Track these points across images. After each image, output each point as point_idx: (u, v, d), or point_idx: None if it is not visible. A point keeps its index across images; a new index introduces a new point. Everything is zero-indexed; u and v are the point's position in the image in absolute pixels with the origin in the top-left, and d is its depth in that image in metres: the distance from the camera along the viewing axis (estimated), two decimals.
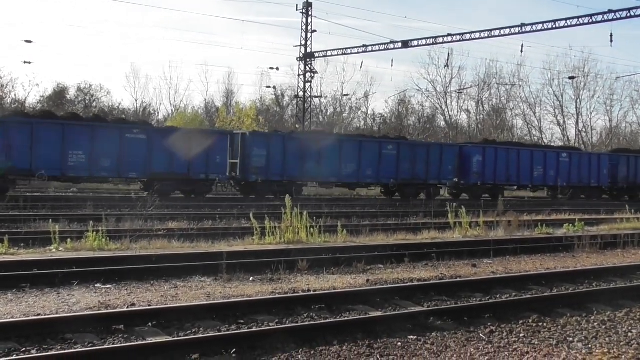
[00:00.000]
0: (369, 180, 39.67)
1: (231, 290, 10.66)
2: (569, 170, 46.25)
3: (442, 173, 41.24)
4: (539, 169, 44.95)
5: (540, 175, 45.11)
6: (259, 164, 34.86)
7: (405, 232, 19.20)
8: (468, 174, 42.17)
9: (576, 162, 46.82)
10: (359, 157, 38.11)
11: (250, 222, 17.04)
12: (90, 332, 7.82)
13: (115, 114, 64.87)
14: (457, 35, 49.25)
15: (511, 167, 43.55)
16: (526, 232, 20.27)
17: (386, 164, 38.99)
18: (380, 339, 7.99)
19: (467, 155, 42.66)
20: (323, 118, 75.62)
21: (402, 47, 51.74)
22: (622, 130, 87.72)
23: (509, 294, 11.08)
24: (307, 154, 36.15)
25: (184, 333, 7.98)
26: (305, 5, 55.62)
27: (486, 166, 42.26)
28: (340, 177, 38.26)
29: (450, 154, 42.20)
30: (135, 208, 22.45)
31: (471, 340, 8.12)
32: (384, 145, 39.79)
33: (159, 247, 14.62)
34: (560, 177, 45.34)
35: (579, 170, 46.67)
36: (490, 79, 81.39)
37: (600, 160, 48.34)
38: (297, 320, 8.77)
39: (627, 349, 7.94)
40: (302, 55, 56.89)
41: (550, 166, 45.38)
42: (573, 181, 46.23)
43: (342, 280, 11.84)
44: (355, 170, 38.15)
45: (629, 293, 11.37)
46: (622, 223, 24.13)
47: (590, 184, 47.58)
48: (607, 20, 41.87)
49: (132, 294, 10.22)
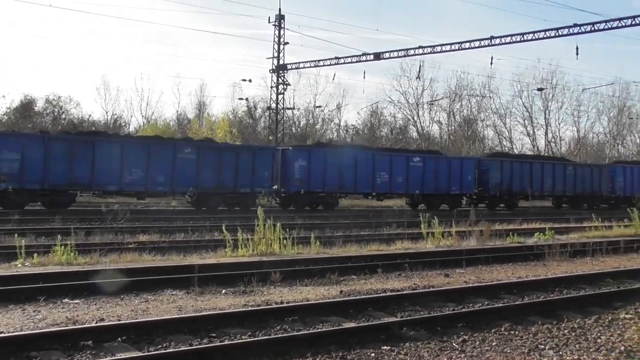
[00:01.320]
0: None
1: (203, 303, 10.57)
2: (422, 176, 42.22)
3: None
4: (383, 174, 40.86)
5: (385, 182, 40.86)
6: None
7: (378, 242, 19.21)
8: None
9: (432, 167, 42.75)
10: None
11: (222, 234, 16.95)
12: (56, 349, 7.67)
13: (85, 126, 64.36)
14: (428, 48, 49.54)
15: None
16: (498, 242, 20.35)
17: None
18: (353, 350, 7.96)
19: None
20: (296, 130, 75.57)
21: (374, 59, 51.99)
22: (589, 141, 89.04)
23: (482, 303, 11.10)
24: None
25: (155, 348, 7.87)
26: (278, 17, 55.66)
27: None
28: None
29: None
30: (106, 221, 22.23)
31: (444, 349, 8.11)
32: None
33: (130, 260, 14.46)
34: (409, 183, 41.74)
35: (435, 176, 42.74)
36: (461, 91, 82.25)
37: (463, 165, 44.72)
38: (270, 333, 8.71)
39: (597, 355, 7.99)
40: (274, 67, 56.88)
41: (398, 171, 41.24)
42: (429, 189, 42.63)
43: (315, 292, 11.79)
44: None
45: (598, 300, 11.49)
46: (591, 231, 24.34)
47: (450, 191, 43.81)
48: (573, 33, 42.58)
49: (101, 308, 10.09)
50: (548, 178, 48.74)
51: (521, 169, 47.22)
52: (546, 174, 48.66)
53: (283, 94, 58.31)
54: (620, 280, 14.01)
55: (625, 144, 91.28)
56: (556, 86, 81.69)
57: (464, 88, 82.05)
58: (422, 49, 49.88)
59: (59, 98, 70.14)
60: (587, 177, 51.24)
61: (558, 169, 49.77)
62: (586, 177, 51.19)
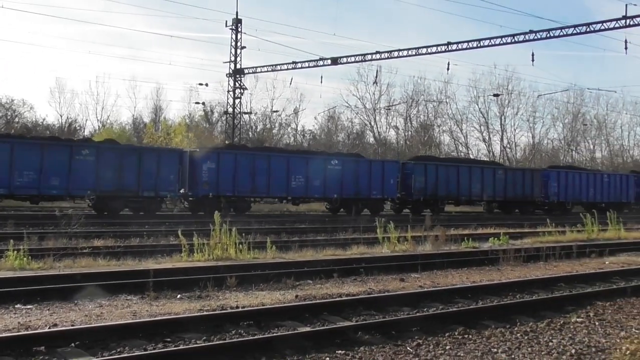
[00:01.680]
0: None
1: (158, 308, 10.52)
2: (341, 179, 40.90)
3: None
4: (298, 178, 39.43)
5: (301, 186, 39.55)
6: None
7: (334, 247, 19.27)
8: None
9: (351, 170, 41.55)
10: None
11: (178, 239, 16.88)
12: (8, 354, 7.58)
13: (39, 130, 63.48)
14: (386, 53, 49.84)
15: None
16: (453, 246, 20.55)
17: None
18: (308, 354, 7.98)
19: None
20: (253, 134, 75.43)
21: (331, 64, 52.10)
22: (544, 147, 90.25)
23: (436, 307, 11.20)
24: None
25: (109, 353, 7.81)
26: (235, 21, 55.52)
27: None
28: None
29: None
30: (60, 226, 21.96)
31: (399, 353, 8.17)
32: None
33: (84, 265, 14.34)
34: (327, 188, 40.49)
35: (355, 180, 41.44)
36: (418, 96, 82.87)
37: (385, 169, 43.37)
38: (226, 337, 8.69)
39: (548, 358, 8.13)
40: (231, 72, 56.74)
41: (315, 175, 39.98)
42: (348, 193, 41.39)
43: (271, 297, 11.80)
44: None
45: (550, 304, 11.66)
46: (545, 236, 24.67)
47: (371, 195, 42.40)
48: (529, 40, 43.13)
49: (54, 314, 9.98)
50: (477, 182, 47.61)
51: (447, 172, 46.20)
52: (474, 178, 47.57)
53: (240, 98, 58.24)
54: (572, 284, 14.23)
55: (579, 150, 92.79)
56: (512, 92, 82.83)
57: (420, 93, 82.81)
58: (380, 54, 50.22)
59: (12, 101, 69.30)
60: (519, 182, 50.27)
61: (487, 173, 48.66)
62: (517, 181, 50.25)
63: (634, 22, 39.69)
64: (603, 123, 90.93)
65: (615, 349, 8.53)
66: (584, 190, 53.84)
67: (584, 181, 54.18)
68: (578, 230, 26.31)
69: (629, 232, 27.99)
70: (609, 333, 9.59)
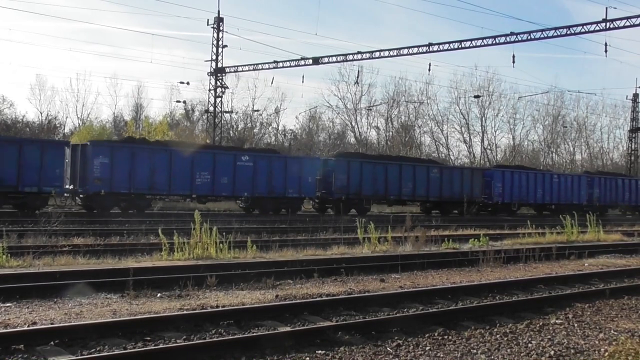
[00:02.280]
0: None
1: (138, 307, 10.48)
2: (253, 177, 38.76)
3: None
4: (204, 174, 37.19)
5: (207, 183, 37.26)
6: None
7: (314, 247, 19.27)
8: None
9: (265, 167, 39.30)
10: None
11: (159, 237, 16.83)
12: None
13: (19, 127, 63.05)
14: (367, 53, 50.08)
15: None
16: (433, 247, 20.61)
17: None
18: (288, 354, 7.99)
19: None
20: (234, 133, 75.32)
21: (312, 63, 52.23)
22: (524, 148, 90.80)
23: (416, 308, 11.23)
24: None
25: (88, 351, 7.78)
26: (216, 20, 55.42)
27: None
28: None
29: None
30: (39, 224, 21.83)
31: (378, 354, 8.19)
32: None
33: (64, 263, 14.27)
34: (237, 186, 38.35)
35: (269, 177, 39.35)
36: (399, 97, 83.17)
37: (302, 166, 41.16)
38: (205, 337, 8.67)
39: (527, 359, 8.17)
40: (212, 70, 56.66)
41: (223, 172, 37.75)
42: (259, 191, 39.29)
43: (251, 296, 11.79)
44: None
45: (529, 305, 11.74)
46: (525, 238, 24.83)
47: (287, 194, 40.18)
48: (510, 42, 43.59)
49: (33, 312, 9.93)
50: (408, 181, 45.08)
51: (374, 170, 43.47)
52: (405, 176, 44.92)
53: (221, 97, 58.13)
54: (551, 286, 14.33)
55: (559, 152, 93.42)
56: (493, 94, 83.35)
57: (402, 94, 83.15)
58: (361, 54, 50.44)
59: None
60: (457, 181, 47.72)
61: (420, 172, 45.97)
62: (455, 181, 47.68)
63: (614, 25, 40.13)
64: (583, 125, 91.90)
65: (594, 351, 8.61)
66: (532, 191, 52.15)
67: (532, 181, 52.37)
68: (558, 232, 26.46)
69: (608, 235, 28.18)
70: (588, 335, 9.66)
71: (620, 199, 59.50)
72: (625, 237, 28.75)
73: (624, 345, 8.72)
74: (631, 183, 61.26)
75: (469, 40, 45.00)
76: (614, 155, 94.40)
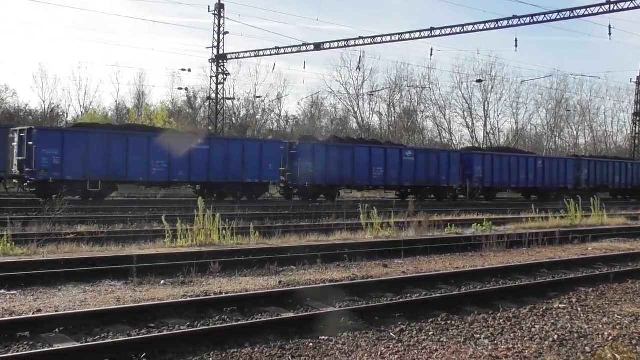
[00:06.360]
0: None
1: (142, 294, 10.50)
2: (208, 163, 37.15)
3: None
4: None
5: (161, 171, 35.59)
6: None
7: (317, 233, 19.25)
8: None
9: (220, 153, 37.66)
10: None
11: (162, 224, 16.85)
12: None
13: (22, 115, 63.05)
14: (369, 38, 49.79)
15: None
16: (436, 232, 20.61)
17: None
18: (292, 340, 8.01)
19: None
20: (236, 120, 75.26)
21: (314, 49, 52.02)
22: (527, 133, 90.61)
23: (419, 293, 11.23)
24: None
25: (93, 338, 7.81)
26: (217, 6, 55.22)
27: None
28: None
29: None
30: (43, 212, 21.86)
31: (382, 339, 8.21)
32: None
33: (68, 251, 14.29)
34: (192, 172, 36.85)
35: (226, 163, 37.65)
36: (401, 82, 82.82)
37: (263, 151, 39.24)
38: (209, 323, 8.70)
39: (531, 343, 8.16)
40: (214, 57, 56.48)
41: (180, 158, 35.80)
42: (217, 177, 37.70)
43: (254, 282, 11.80)
44: None
45: (533, 290, 11.74)
46: (528, 222, 24.80)
47: (244, 180, 38.61)
48: (512, 25, 43.12)
49: (38, 299, 9.96)
50: (379, 166, 42.71)
51: (341, 155, 41.30)
52: (375, 161, 42.60)
53: (223, 84, 57.96)
54: (555, 270, 14.33)
55: (563, 136, 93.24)
56: (495, 78, 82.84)
57: (404, 79, 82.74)
58: (363, 39, 50.12)
59: None
60: (433, 166, 45.48)
61: (392, 155, 43.66)
62: (431, 165, 45.42)
63: (617, 7, 39.83)
64: (586, 109, 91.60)
65: (598, 335, 8.61)
66: (514, 175, 50.60)
67: (514, 165, 50.66)
68: (561, 217, 26.43)
69: (612, 219, 28.13)
70: (592, 319, 9.66)
71: (610, 182, 58.69)
72: (630, 220, 28.67)
73: (628, 329, 8.74)
74: (621, 166, 60.31)
75: (472, 25, 44.66)
76: (617, 138, 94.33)
